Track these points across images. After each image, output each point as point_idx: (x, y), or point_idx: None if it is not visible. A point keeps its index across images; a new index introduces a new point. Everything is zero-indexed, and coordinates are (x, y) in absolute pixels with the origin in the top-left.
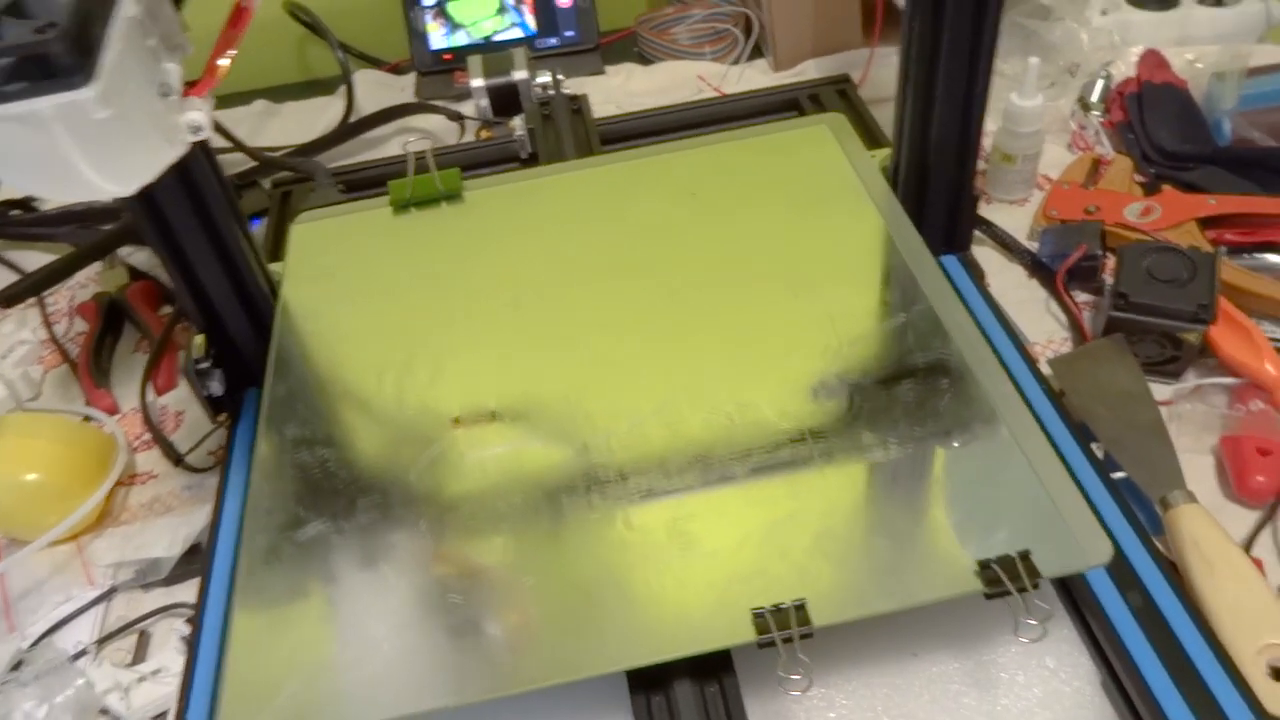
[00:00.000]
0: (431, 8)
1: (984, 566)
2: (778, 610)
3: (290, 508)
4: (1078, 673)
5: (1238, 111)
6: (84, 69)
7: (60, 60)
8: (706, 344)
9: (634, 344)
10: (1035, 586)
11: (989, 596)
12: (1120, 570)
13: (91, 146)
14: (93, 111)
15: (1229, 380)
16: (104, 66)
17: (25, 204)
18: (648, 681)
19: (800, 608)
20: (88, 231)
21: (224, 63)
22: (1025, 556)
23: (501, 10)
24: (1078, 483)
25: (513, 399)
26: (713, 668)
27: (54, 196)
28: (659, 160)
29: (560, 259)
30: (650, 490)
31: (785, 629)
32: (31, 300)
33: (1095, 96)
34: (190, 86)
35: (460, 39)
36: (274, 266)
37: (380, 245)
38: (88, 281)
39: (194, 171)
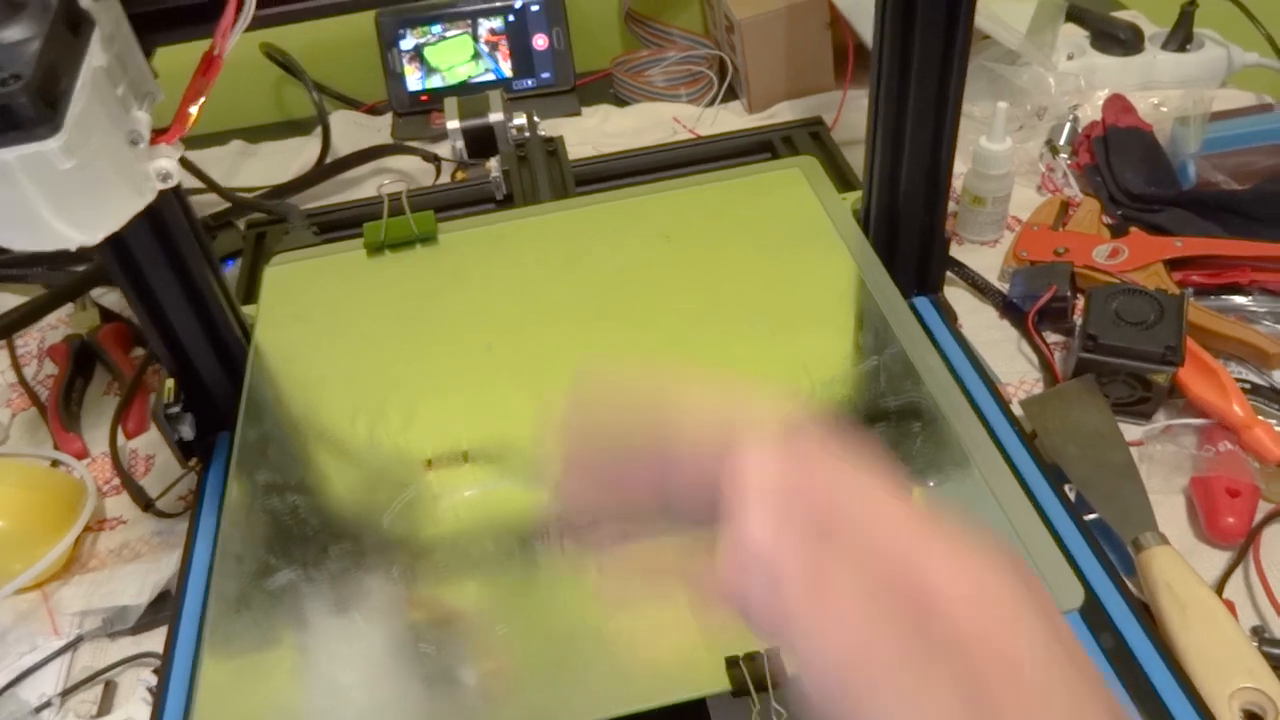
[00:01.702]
0: (408, 52)
1: None
2: (751, 659)
3: (261, 555)
4: None
5: (1201, 155)
6: (49, 120)
7: (24, 112)
8: None
9: None
10: None
11: None
12: (1093, 612)
13: (57, 196)
14: (58, 162)
15: (1198, 421)
16: (70, 118)
17: None
18: None
19: (774, 657)
20: (58, 272)
21: (193, 110)
22: None
23: (476, 56)
24: (1049, 524)
25: (486, 443)
26: (687, 718)
27: (20, 246)
28: (634, 203)
29: (535, 302)
30: (624, 537)
31: (759, 678)
32: (0, 342)
33: (1063, 139)
34: (160, 134)
35: (436, 82)
36: (248, 309)
37: (355, 288)
38: (58, 323)
39: (164, 214)
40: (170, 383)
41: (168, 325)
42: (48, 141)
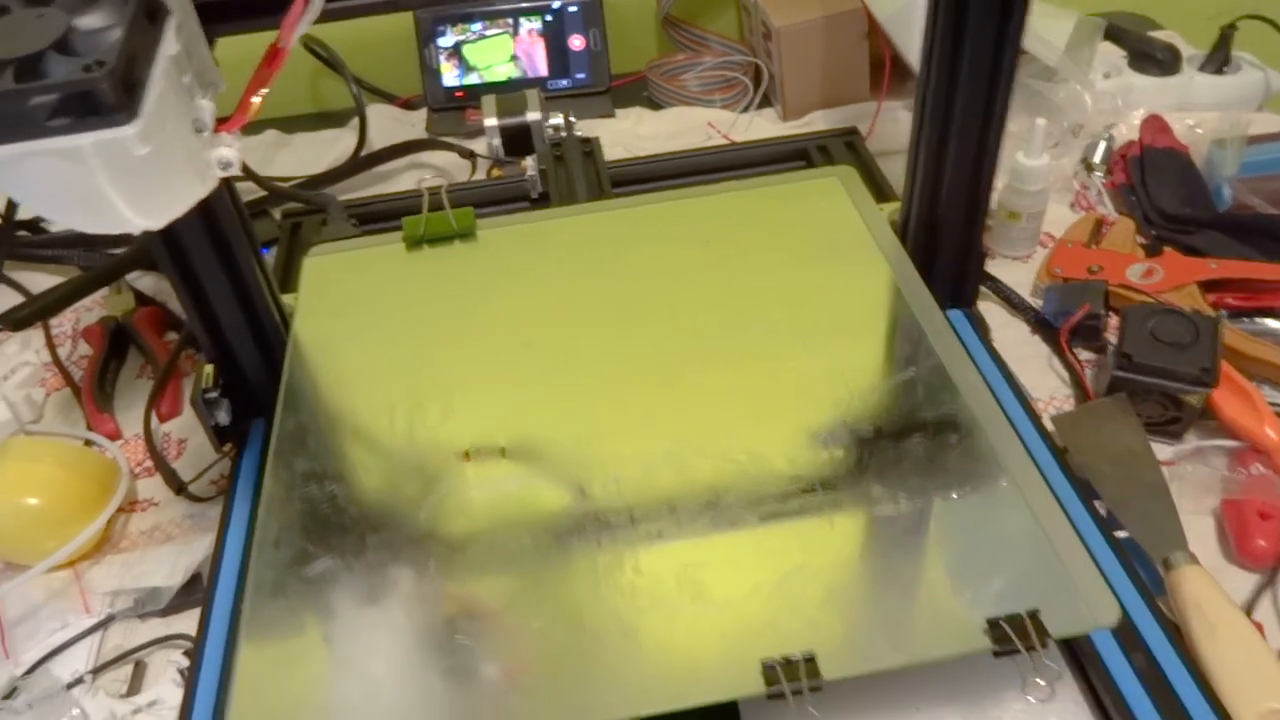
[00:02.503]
0: (446, 49)
1: (993, 625)
2: (788, 662)
3: (298, 543)
4: None
5: (1238, 178)
6: (127, 107)
7: (106, 98)
8: (717, 392)
9: (644, 389)
10: (1044, 646)
11: (997, 655)
12: (1125, 631)
13: (127, 182)
14: (133, 149)
15: (1230, 443)
16: (147, 105)
17: (33, 225)
18: None
19: (810, 661)
20: (95, 254)
21: (256, 100)
22: (1034, 616)
23: (514, 58)
24: (1083, 541)
25: (523, 441)
26: (720, 718)
27: (85, 229)
28: (672, 206)
29: (573, 302)
30: (660, 537)
31: (795, 681)
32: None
33: (1098, 157)
34: (221, 123)
35: (472, 79)
36: (286, 298)
37: (393, 282)
38: (93, 305)
39: (213, 202)
40: (209, 368)
41: (210, 311)
42: (125, 128)
